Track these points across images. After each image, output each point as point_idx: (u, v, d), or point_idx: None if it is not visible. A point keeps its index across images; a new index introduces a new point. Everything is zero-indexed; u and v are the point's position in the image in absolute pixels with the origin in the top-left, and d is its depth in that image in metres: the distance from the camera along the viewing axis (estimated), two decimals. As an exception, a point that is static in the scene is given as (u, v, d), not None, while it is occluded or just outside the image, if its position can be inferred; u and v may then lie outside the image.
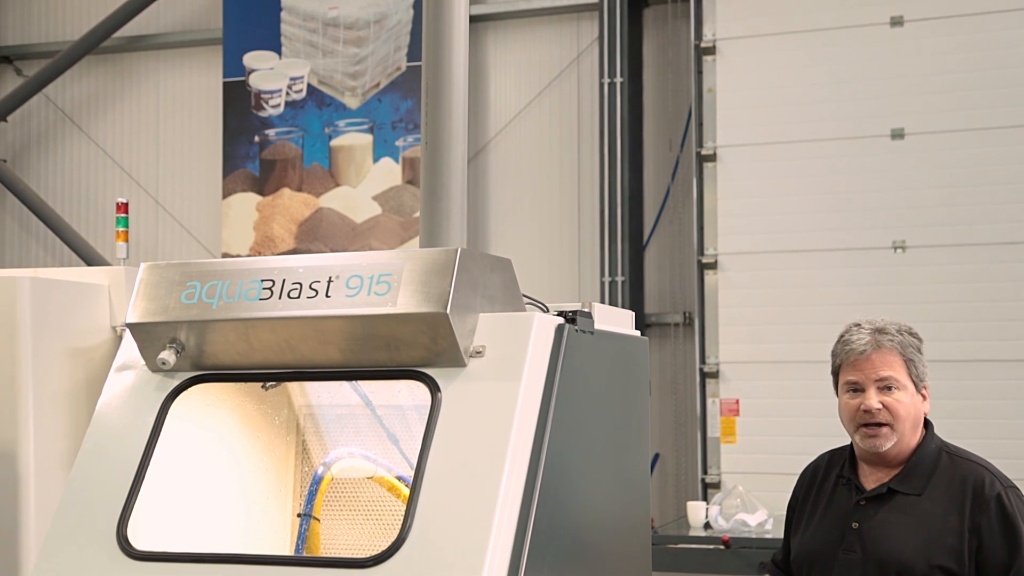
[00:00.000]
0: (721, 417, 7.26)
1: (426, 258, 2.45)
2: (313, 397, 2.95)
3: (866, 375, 2.79)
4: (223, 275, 2.56)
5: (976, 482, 2.72)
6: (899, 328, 2.81)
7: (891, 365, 2.77)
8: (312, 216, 8.71)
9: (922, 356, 2.82)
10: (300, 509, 2.81)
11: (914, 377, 2.78)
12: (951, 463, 2.78)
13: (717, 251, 7.36)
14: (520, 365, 2.37)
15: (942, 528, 2.69)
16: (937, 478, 2.77)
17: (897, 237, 7.02)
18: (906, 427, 2.77)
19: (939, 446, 2.82)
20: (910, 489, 2.77)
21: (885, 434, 2.77)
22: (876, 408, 2.76)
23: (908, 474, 2.78)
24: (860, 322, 2.86)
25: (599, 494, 2.67)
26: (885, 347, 2.78)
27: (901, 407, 2.76)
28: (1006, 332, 6.77)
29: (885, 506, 2.77)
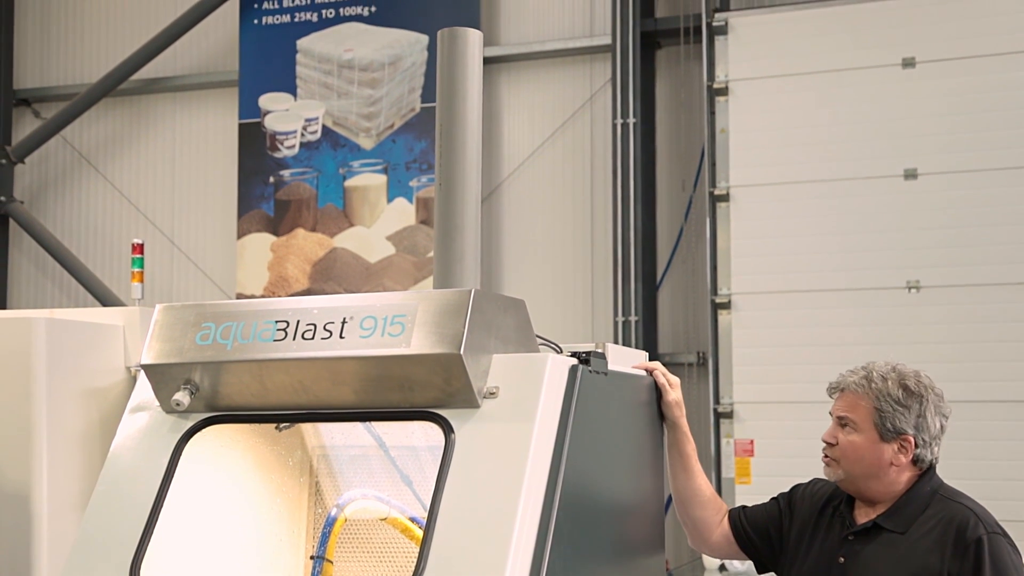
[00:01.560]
0: (736, 458, 7.22)
1: (440, 299, 2.45)
2: (327, 438, 2.95)
3: (833, 410, 2.92)
4: (237, 316, 2.57)
5: (960, 524, 2.73)
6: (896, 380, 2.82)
7: (852, 408, 2.85)
8: (326, 256, 8.73)
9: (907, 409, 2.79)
10: (313, 551, 2.80)
11: (879, 427, 2.80)
12: (941, 505, 2.81)
13: (731, 291, 7.35)
14: (534, 406, 2.36)
15: (922, 567, 2.71)
16: (924, 518, 2.79)
17: (911, 277, 7.01)
18: (852, 468, 2.81)
19: (934, 489, 2.84)
20: (895, 527, 2.80)
21: (832, 466, 2.87)
22: (825, 440, 2.88)
23: (895, 512, 2.82)
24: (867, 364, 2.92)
25: (613, 535, 2.65)
26: (851, 390, 2.86)
27: (848, 448, 2.83)
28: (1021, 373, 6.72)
29: (872, 542, 2.80)
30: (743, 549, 3.04)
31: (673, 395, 2.93)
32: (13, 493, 3.33)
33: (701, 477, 3.06)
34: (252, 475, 2.82)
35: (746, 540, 3.02)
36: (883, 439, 2.81)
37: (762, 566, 3.04)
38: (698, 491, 3.04)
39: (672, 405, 2.93)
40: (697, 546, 3.13)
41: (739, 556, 3.07)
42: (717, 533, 3.05)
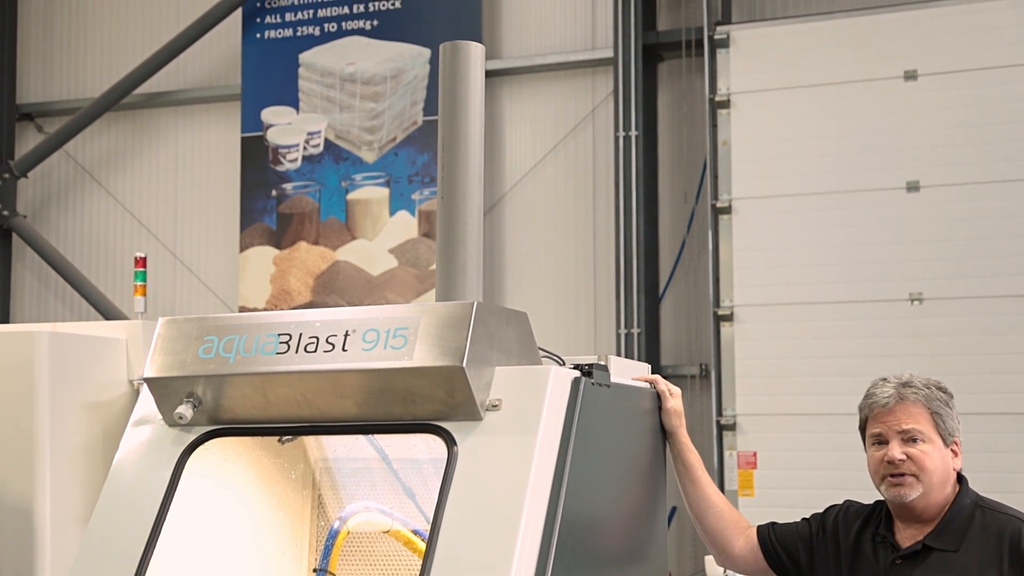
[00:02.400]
0: (739, 470, 7.21)
1: (442, 312, 2.45)
2: (329, 451, 2.95)
3: (889, 427, 2.77)
4: (240, 329, 2.57)
5: (1013, 535, 2.68)
6: (926, 382, 2.79)
7: (915, 418, 2.75)
8: (329, 269, 8.74)
9: (952, 411, 2.78)
10: (316, 564, 2.80)
11: (941, 431, 2.75)
12: (986, 517, 2.74)
13: (733, 303, 7.35)
14: (536, 419, 2.36)
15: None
16: (972, 533, 2.72)
17: (914, 289, 7.00)
18: (933, 480, 2.73)
19: (974, 500, 2.78)
20: (946, 545, 2.72)
21: (910, 483, 2.74)
22: (899, 459, 2.74)
23: (943, 530, 2.75)
24: (887, 376, 2.84)
25: (616, 548, 2.65)
26: (909, 400, 2.76)
27: (927, 459, 2.73)
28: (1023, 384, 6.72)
29: (921, 564, 2.72)
30: (771, 566, 2.96)
31: (672, 403, 2.91)
32: (16, 506, 3.33)
33: (711, 488, 3.02)
34: (255, 488, 2.82)
35: (775, 557, 2.95)
36: (945, 444, 2.78)
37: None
38: (710, 502, 2.99)
39: (671, 414, 2.91)
40: (720, 561, 3.06)
41: (764, 572, 2.98)
42: (739, 547, 2.98)
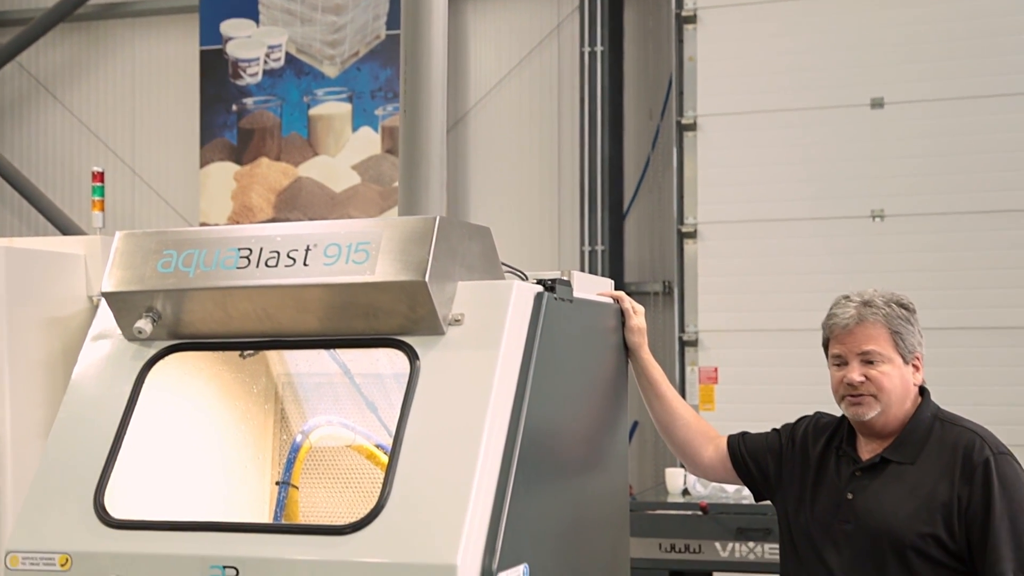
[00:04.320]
0: (700, 385, 7.30)
1: (404, 226, 2.44)
2: (291, 365, 2.94)
3: (849, 349, 2.80)
4: (200, 244, 2.54)
5: (967, 447, 2.73)
6: (887, 300, 2.81)
7: (874, 339, 2.78)
8: (291, 186, 8.66)
9: (913, 327, 2.81)
10: (279, 477, 2.81)
11: (901, 350, 2.78)
12: (944, 430, 2.79)
13: (697, 220, 7.37)
14: (499, 333, 2.37)
15: (932, 495, 2.70)
16: (930, 445, 2.77)
17: (875, 206, 7.04)
18: (892, 399, 2.77)
19: (933, 414, 2.83)
20: (903, 458, 2.77)
21: (868, 403, 2.78)
22: (858, 381, 2.77)
23: (901, 443, 2.79)
24: (850, 295, 2.85)
25: (578, 461, 2.67)
26: (868, 321, 2.78)
27: (885, 379, 2.77)
28: (983, 300, 6.81)
29: (879, 476, 2.77)
30: (740, 475, 3.02)
31: (636, 321, 2.93)
32: (-25, 422, 3.31)
33: (677, 401, 3.05)
34: (216, 402, 2.82)
35: (744, 467, 3.00)
36: (905, 361, 2.80)
37: (757, 494, 3.04)
38: (676, 415, 3.03)
39: (634, 331, 2.92)
40: (691, 469, 3.12)
41: (734, 480, 3.05)
42: (708, 456, 3.02)
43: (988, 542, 2.64)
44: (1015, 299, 6.78)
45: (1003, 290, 6.82)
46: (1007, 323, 6.78)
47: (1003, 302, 6.80)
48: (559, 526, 2.49)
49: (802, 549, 2.83)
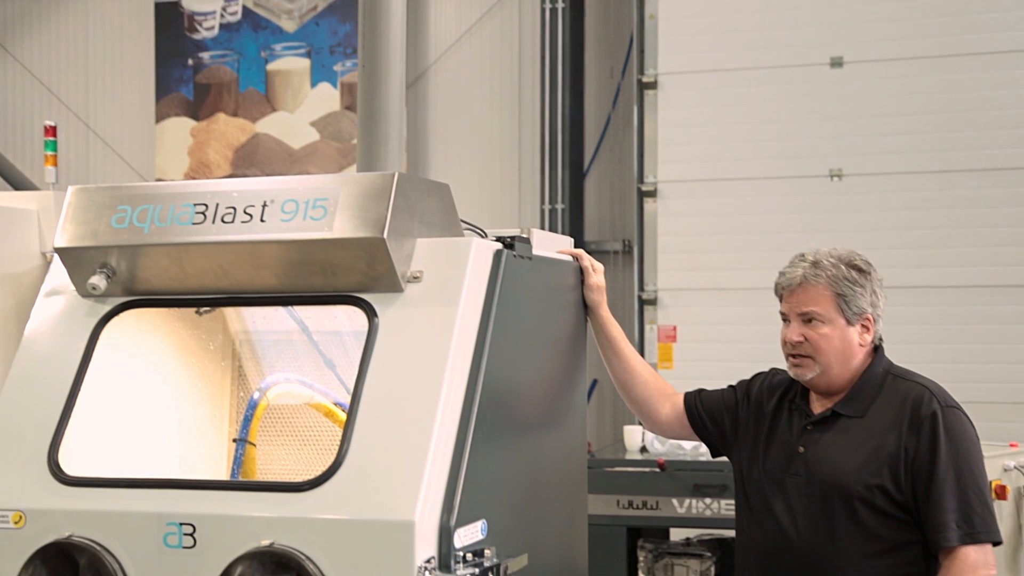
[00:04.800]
0: (659, 343, 7.34)
1: (363, 182, 2.41)
2: (249, 323, 2.92)
3: (791, 308, 2.84)
4: (154, 199, 2.51)
5: (915, 400, 2.77)
6: (837, 261, 2.83)
7: (815, 300, 2.81)
8: (248, 142, 8.57)
9: (863, 288, 2.82)
10: (236, 434, 2.80)
11: (845, 312, 2.81)
12: (894, 384, 2.83)
13: (657, 179, 7.38)
14: (458, 290, 2.36)
15: (880, 447, 2.75)
16: (880, 400, 2.81)
17: (834, 165, 7.08)
18: (830, 360, 2.81)
19: (886, 369, 2.87)
20: (853, 411, 2.81)
21: (807, 364, 2.82)
22: (795, 340, 2.81)
23: (852, 397, 2.83)
24: (805, 253, 2.88)
25: (536, 418, 2.68)
26: (811, 282, 2.81)
27: (823, 341, 2.80)
28: (940, 258, 6.89)
29: (829, 430, 2.82)
30: (696, 431, 3.05)
31: (595, 279, 2.93)
32: (-74, 380, 3.27)
33: (635, 359, 3.07)
34: (172, 360, 2.79)
35: (700, 424, 3.03)
36: (849, 323, 2.82)
37: (714, 449, 3.07)
38: (634, 372, 3.05)
39: (593, 289, 2.93)
40: (649, 427, 3.15)
41: (690, 437, 3.08)
42: (665, 413, 3.05)
43: (933, 492, 2.68)
44: (972, 257, 6.87)
45: (960, 248, 6.90)
46: (964, 281, 6.87)
47: (960, 261, 6.89)
48: (517, 483, 2.50)
49: (754, 502, 2.87)
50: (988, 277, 6.83)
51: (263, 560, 2.13)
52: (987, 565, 2.68)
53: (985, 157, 6.84)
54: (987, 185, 6.84)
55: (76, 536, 2.27)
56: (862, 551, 2.72)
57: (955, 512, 2.67)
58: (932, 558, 2.74)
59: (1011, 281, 6.80)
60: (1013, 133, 6.79)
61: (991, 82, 6.83)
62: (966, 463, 2.72)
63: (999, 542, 2.73)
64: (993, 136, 6.83)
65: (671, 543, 5.98)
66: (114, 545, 2.26)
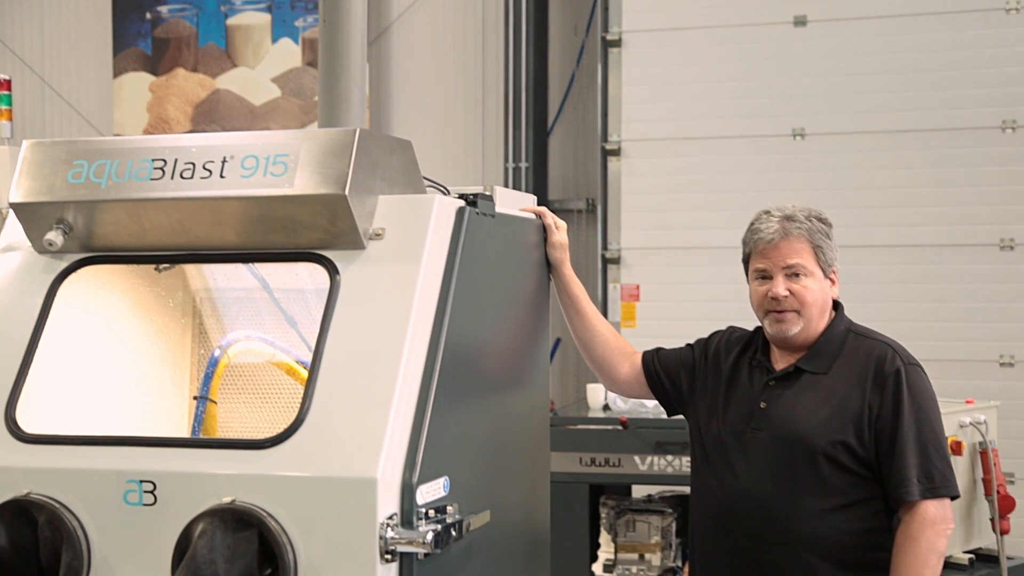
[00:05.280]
0: (622, 302, 7.36)
1: (324, 138, 2.39)
2: (209, 280, 2.90)
3: (774, 263, 2.83)
4: (111, 154, 2.47)
5: (879, 358, 2.80)
6: (808, 215, 2.85)
7: (799, 252, 2.82)
8: (208, 98, 8.47)
9: (831, 241, 2.86)
10: (197, 392, 2.78)
11: (822, 263, 2.83)
12: (857, 342, 2.86)
13: (621, 138, 7.37)
14: (420, 247, 2.35)
15: (844, 404, 2.77)
16: (843, 357, 2.84)
17: (797, 125, 7.10)
18: (813, 312, 2.83)
19: (847, 327, 2.89)
20: (816, 368, 2.83)
21: (792, 319, 2.83)
22: (783, 295, 2.81)
23: (815, 354, 2.85)
24: (770, 209, 2.88)
25: (499, 376, 2.68)
26: (793, 235, 2.82)
27: (808, 293, 2.82)
28: (902, 218, 6.94)
29: (792, 386, 2.84)
30: (653, 391, 3.06)
31: (558, 237, 2.92)
32: None
33: (596, 318, 3.08)
34: (131, 317, 2.77)
35: (657, 382, 3.04)
36: (825, 275, 2.85)
37: (670, 408, 3.08)
38: (595, 331, 3.06)
39: (556, 247, 2.92)
40: (608, 386, 3.16)
41: (649, 396, 3.09)
42: (624, 372, 3.06)
43: (896, 449, 2.72)
44: (932, 217, 6.92)
45: (921, 208, 6.95)
46: (923, 240, 6.93)
47: (920, 220, 6.94)
48: (480, 440, 2.50)
49: (714, 457, 2.89)
50: (947, 236, 6.89)
51: (224, 517, 2.12)
52: (945, 519, 2.73)
53: (947, 117, 6.88)
54: (949, 145, 6.89)
55: (35, 494, 2.25)
56: (823, 506, 2.76)
57: (916, 468, 2.71)
58: (890, 512, 2.78)
59: (970, 240, 6.87)
60: (976, 93, 6.84)
61: (954, 41, 6.86)
62: (927, 420, 2.75)
63: (957, 496, 2.77)
64: (956, 96, 6.87)
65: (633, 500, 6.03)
66: (73, 503, 2.25)
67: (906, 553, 2.69)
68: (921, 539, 2.68)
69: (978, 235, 6.85)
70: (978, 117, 6.84)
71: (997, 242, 6.81)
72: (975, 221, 6.85)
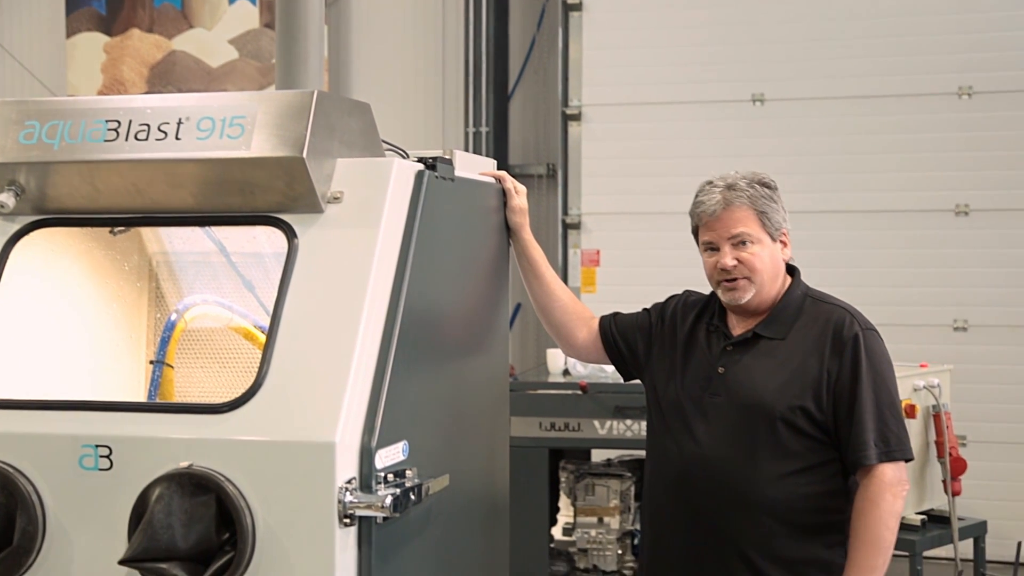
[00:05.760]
0: (582, 267, 7.38)
1: (281, 100, 2.36)
2: (166, 243, 2.87)
3: (719, 234, 2.85)
4: (64, 114, 2.43)
5: (837, 323, 2.82)
6: (749, 181, 2.85)
7: (742, 221, 2.83)
8: (164, 59, 8.35)
9: (777, 204, 2.86)
10: (153, 356, 2.75)
11: (768, 228, 2.84)
12: (815, 307, 2.87)
13: (581, 102, 7.35)
14: (379, 211, 2.33)
15: (802, 369, 2.79)
16: (801, 322, 2.86)
17: (756, 90, 7.12)
18: (764, 278, 2.84)
19: (804, 292, 2.91)
20: (774, 334, 2.85)
21: (743, 286, 2.84)
22: (731, 266, 2.83)
23: (773, 319, 2.87)
24: (713, 179, 2.89)
25: (459, 341, 2.68)
26: (735, 204, 2.83)
27: (757, 260, 2.83)
28: (859, 183, 7.00)
29: (750, 351, 2.85)
30: (609, 355, 3.07)
31: (517, 201, 2.92)
32: None
33: (555, 283, 3.08)
34: (86, 280, 2.73)
35: (614, 347, 3.05)
36: (773, 240, 2.86)
37: (627, 374, 3.09)
38: (554, 296, 3.06)
39: (516, 211, 2.92)
40: (566, 351, 3.16)
41: (606, 361, 3.10)
42: (582, 337, 3.07)
43: (854, 413, 2.75)
44: (890, 183, 6.98)
45: (879, 174, 7.00)
46: (879, 206, 6.99)
47: (878, 186, 7.00)
48: (439, 405, 2.50)
49: (671, 422, 2.90)
50: (903, 202, 6.96)
51: (181, 482, 2.11)
52: (902, 482, 2.77)
53: (905, 83, 6.93)
54: (907, 110, 6.94)
55: (-12, 459, 2.23)
56: (780, 470, 2.78)
57: (874, 432, 2.74)
58: (846, 475, 2.82)
59: (925, 206, 6.94)
60: (934, 59, 6.88)
61: (913, 7, 6.89)
62: (884, 384, 2.78)
63: (912, 459, 2.81)
64: (914, 62, 6.91)
65: (592, 464, 6.07)
66: (28, 468, 2.22)
67: (867, 516, 2.72)
68: (880, 502, 2.72)
69: (934, 201, 6.92)
70: (935, 83, 6.89)
71: (952, 208, 6.88)
72: (931, 187, 6.92)
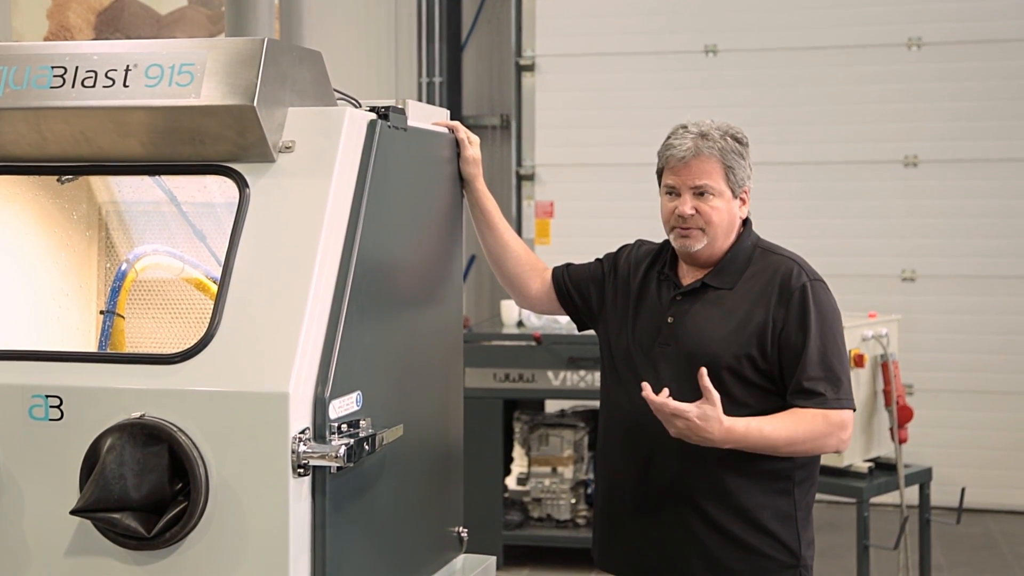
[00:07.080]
0: (536, 219, 7.38)
1: (231, 48, 2.33)
2: (116, 192, 2.83)
3: (683, 181, 2.85)
4: (8, 60, 2.38)
5: (784, 274, 2.85)
6: (723, 133, 2.85)
7: (708, 173, 2.83)
8: (112, 6, 8.19)
9: (744, 161, 2.87)
10: (103, 306, 2.73)
11: (732, 184, 2.85)
12: (764, 258, 2.90)
13: (535, 53, 7.32)
14: (331, 161, 2.31)
15: (749, 318, 2.82)
16: (749, 272, 2.88)
17: (709, 41, 7.12)
18: (718, 232, 2.86)
19: (754, 243, 2.93)
20: (722, 284, 2.88)
21: (696, 236, 2.86)
22: (689, 214, 2.84)
23: (722, 270, 2.89)
24: (687, 124, 2.88)
25: (412, 291, 2.68)
26: (704, 154, 2.83)
27: (715, 214, 2.84)
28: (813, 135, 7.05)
29: (699, 301, 2.88)
30: (563, 306, 3.09)
31: (471, 151, 2.91)
32: None
33: (509, 234, 3.08)
34: (33, 229, 2.70)
35: (567, 297, 3.06)
36: (734, 195, 2.87)
37: (581, 323, 3.11)
38: (507, 247, 3.06)
39: (469, 162, 2.91)
40: (519, 302, 3.17)
41: (559, 312, 3.11)
42: (535, 288, 3.08)
43: (802, 360, 2.78)
44: (839, 134, 7.04)
45: (828, 125, 7.06)
46: (830, 158, 7.05)
47: (828, 137, 7.05)
48: (393, 355, 2.51)
49: (622, 370, 2.93)
50: (852, 153, 7.02)
51: (133, 432, 2.10)
52: (844, 427, 2.82)
53: (854, 34, 6.97)
54: (856, 62, 6.98)
55: (-64, 411, 2.21)
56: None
57: (821, 380, 2.78)
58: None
59: (874, 157, 7.01)
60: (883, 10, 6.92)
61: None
62: (831, 334, 2.82)
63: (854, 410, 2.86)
64: (862, 13, 6.95)
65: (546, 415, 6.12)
66: (-23, 419, 2.21)
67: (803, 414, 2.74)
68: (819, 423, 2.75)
69: (883, 152, 6.99)
70: (885, 34, 6.93)
71: (901, 159, 6.96)
72: (880, 138, 6.98)
